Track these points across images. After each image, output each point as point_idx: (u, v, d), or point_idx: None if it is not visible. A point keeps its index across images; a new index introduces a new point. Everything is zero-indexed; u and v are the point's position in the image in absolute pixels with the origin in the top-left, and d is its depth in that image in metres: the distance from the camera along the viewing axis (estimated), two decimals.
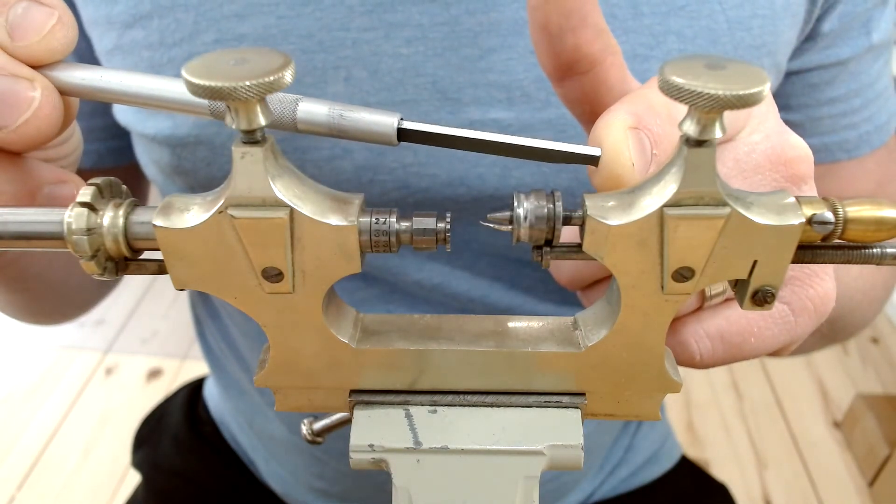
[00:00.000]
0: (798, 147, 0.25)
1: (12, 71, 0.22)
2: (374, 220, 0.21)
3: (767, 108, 0.25)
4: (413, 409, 0.24)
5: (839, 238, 0.21)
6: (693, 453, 1.42)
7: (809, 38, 0.42)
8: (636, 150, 0.22)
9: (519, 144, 0.23)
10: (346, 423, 0.30)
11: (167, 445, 0.66)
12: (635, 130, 0.22)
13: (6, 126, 0.22)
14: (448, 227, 0.21)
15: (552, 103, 0.37)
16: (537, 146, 0.23)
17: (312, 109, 0.23)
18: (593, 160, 0.23)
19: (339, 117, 0.22)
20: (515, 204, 0.21)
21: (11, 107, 0.22)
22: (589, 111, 0.26)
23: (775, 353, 0.29)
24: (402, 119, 0.22)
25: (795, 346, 0.28)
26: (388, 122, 0.22)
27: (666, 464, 0.64)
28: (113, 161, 0.48)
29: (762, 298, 0.21)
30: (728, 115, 0.23)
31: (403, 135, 0.23)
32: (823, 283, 0.26)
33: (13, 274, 0.40)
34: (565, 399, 0.24)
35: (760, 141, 0.25)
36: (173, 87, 0.24)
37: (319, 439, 0.32)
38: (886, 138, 0.47)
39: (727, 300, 0.26)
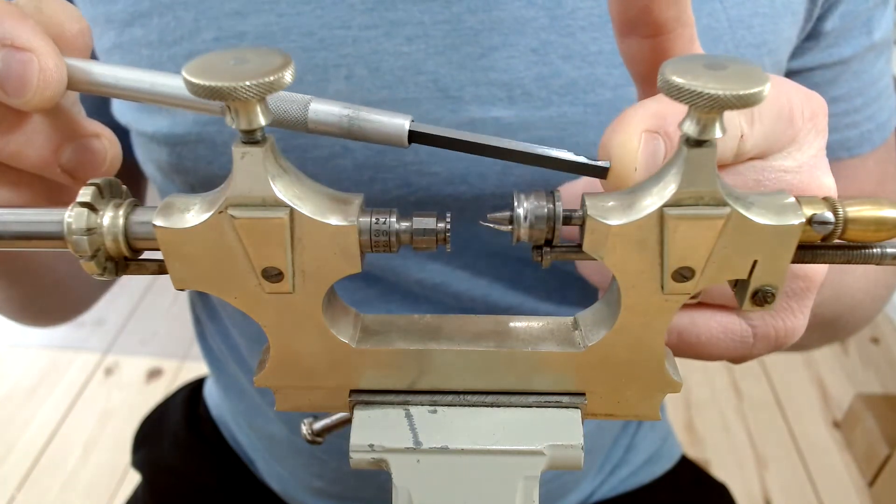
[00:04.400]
0: (825, 188, 0.24)
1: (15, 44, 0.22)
2: (373, 220, 0.21)
3: (815, 137, 0.24)
4: (413, 409, 0.24)
5: (839, 238, 0.21)
6: (693, 453, 1.42)
7: (811, 37, 0.42)
8: (644, 157, 0.21)
9: (528, 153, 0.22)
10: (346, 423, 0.30)
11: (167, 445, 0.66)
12: (652, 135, 0.21)
13: (18, 98, 0.23)
14: (448, 227, 0.21)
15: (553, 102, 0.37)
16: (547, 155, 0.22)
17: (324, 110, 0.23)
18: (602, 172, 0.22)
19: (351, 119, 0.23)
20: (515, 204, 0.21)
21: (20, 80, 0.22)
22: (645, 73, 0.25)
23: (728, 360, 0.29)
24: (412, 121, 0.22)
25: (745, 362, 0.28)
26: (398, 124, 0.22)
27: (666, 464, 0.64)
28: None
29: (762, 298, 0.21)
30: (769, 135, 0.23)
31: (414, 137, 0.23)
32: (795, 319, 0.26)
33: (20, 265, 0.40)
34: (565, 399, 0.24)
35: (790, 169, 0.24)
36: (179, 84, 0.24)
37: (319, 439, 0.32)
38: (887, 136, 0.47)
39: (700, 304, 0.26)
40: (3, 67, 0.22)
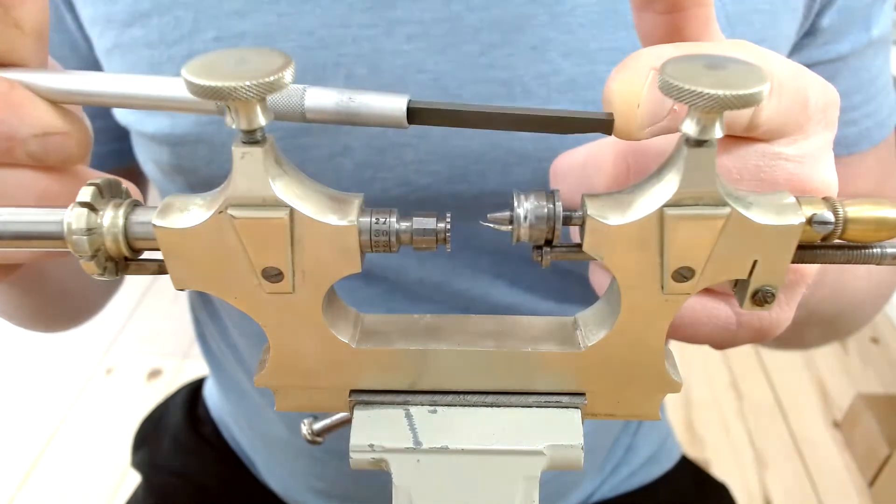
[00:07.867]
0: (826, 183, 0.24)
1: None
2: (373, 219, 0.21)
3: (823, 129, 0.24)
4: (413, 409, 0.24)
5: (839, 238, 0.21)
6: (693, 453, 1.42)
7: (809, 33, 0.42)
8: (650, 94, 0.20)
9: (531, 115, 0.22)
10: (346, 423, 0.30)
11: (167, 445, 0.66)
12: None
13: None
14: (448, 226, 0.21)
15: (553, 99, 0.37)
16: (549, 115, 0.22)
17: (320, 97, 0.22)
18: (608, 124, 0.21)
19: (348, 102, 0.22)
20: (515, 204, 0.21)
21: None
22: None
23: (710, 345, 0.29)
24: (410, 100, 0.22)
25: (728, 348, 0.28)
26: (397, 103, 0.22)
27: (666, 464, 0.64)
28: (115, 163, 0.48)
29: (762, 298, 0.21)
30: (783, 114, 0.22)
31: (413, 116, 0.22)
32: (781, 311, 0.26)
33: (33, 275, 0.40)
34: (565, 399, 0.24)
35: (793, 158, 0.23)
36: (174, 87, 0.24)
37: (319, 439, 0.32)
38: (886, 134, 0.47)
39: None
40: None
